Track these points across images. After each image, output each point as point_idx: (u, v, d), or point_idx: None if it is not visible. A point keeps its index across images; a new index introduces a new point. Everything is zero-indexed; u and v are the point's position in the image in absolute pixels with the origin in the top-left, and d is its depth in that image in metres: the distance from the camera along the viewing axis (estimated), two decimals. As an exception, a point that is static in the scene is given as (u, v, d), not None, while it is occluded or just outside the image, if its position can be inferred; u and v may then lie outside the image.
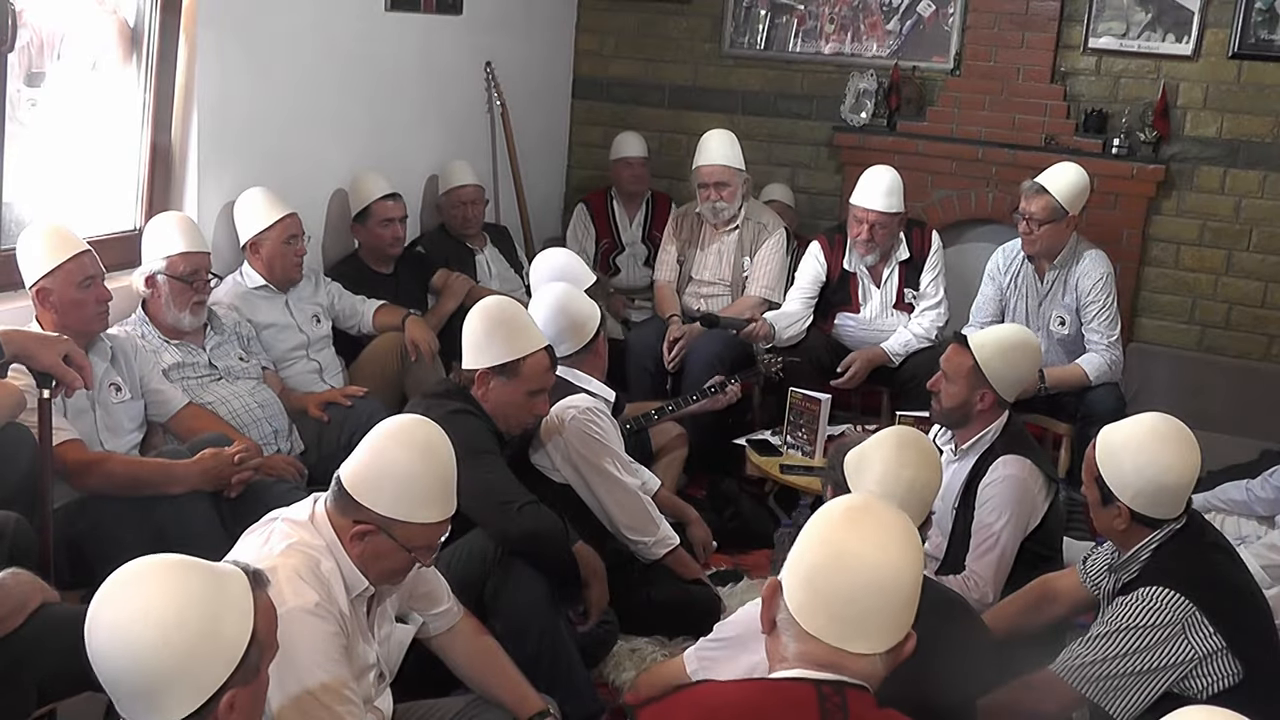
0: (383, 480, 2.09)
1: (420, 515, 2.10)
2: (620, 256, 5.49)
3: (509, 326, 3.02)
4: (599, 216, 5.51)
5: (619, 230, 5.50)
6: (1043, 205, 4.18)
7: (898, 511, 1.70)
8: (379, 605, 2.23)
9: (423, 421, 2.20)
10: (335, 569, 2.09)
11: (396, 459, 2.10)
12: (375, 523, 2.08)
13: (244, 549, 2.12)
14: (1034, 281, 4.38)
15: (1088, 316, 4.25)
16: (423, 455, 2.12)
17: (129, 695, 1.56)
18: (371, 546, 2.10)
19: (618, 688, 3.08)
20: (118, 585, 1.58)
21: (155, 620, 1.52)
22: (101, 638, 1.55)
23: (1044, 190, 4.18)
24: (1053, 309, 4.32)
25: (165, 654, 1.51)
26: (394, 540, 2.09)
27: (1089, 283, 4.23)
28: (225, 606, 1.57)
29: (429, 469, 2.12)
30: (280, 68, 4.12)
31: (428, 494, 2.11)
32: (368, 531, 2.09)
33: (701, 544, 3.58)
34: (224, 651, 1.55)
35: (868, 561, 1.60)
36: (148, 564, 1.60)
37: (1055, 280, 4.31)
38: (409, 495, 2.09)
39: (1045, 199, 4.17)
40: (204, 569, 1.60)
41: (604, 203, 5.54)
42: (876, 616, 1.61)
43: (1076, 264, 4.27)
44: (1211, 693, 2.32)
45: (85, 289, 3.03)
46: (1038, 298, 4.36)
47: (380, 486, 2.09)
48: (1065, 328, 4.30)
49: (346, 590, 2.10)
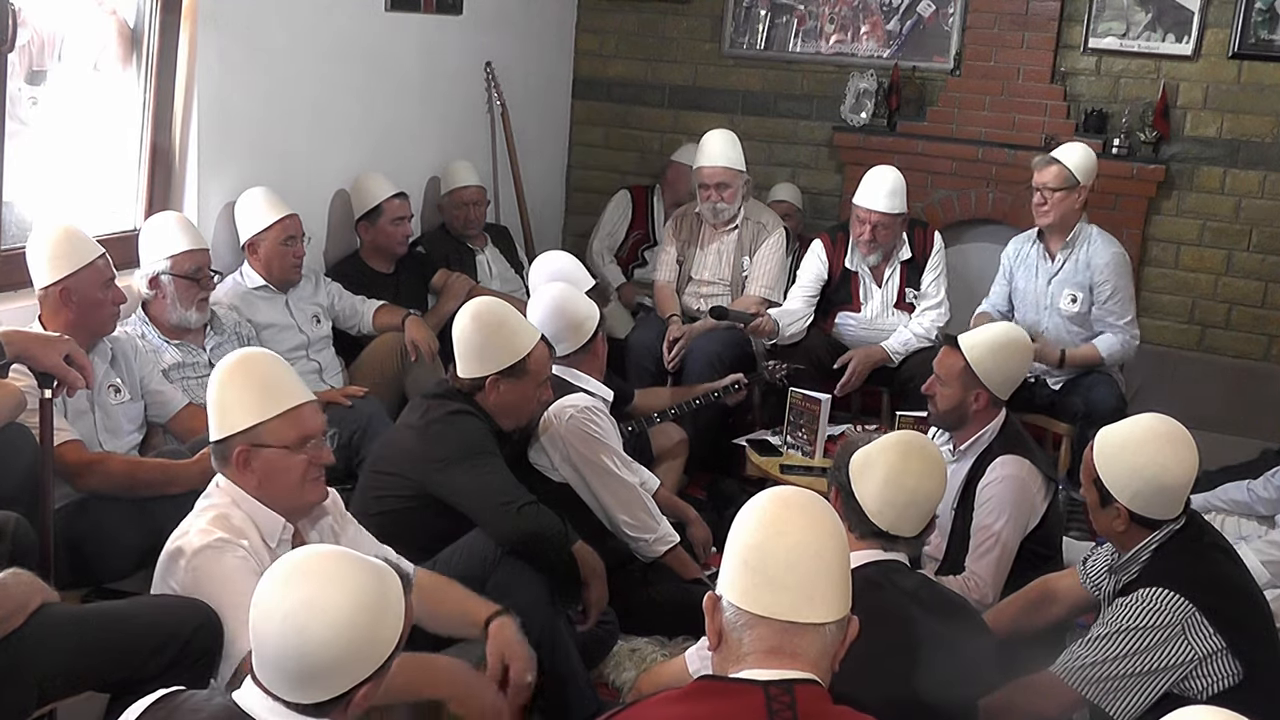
0: (225, 408, 2.25)
1: (271, 409, 2.23)
2: (649, 249, 5.58)
3: (507, 328, 3.02)
4: (639, 208, 5.63)
5: (655, 226, 5.60)
6: (1055, 173, 4.23)
7: (813, 494, 1.75)
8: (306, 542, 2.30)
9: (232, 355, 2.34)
10: (246, 518, 2.24)
11: (224, 385, 2.26)
12: (244, 441, 2.22)
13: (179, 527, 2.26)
14: (1043, 261, 4.40)
15: (1101, 296, 4.28)
16: (244, 369, 2.27)
17: (277, 671, 1.63)
18: (259, 467, 2.23)
19: (618, 688, 3.09)
20: (296, 570, 1.66)
21: (330, 619, 1.60)
22: (271, 616, 1.62)
23: (1055, 160, 4.25)
24: (1063, 287, 4.34)
25: (330, 649, 1.60)
26: (270, 446, 2.22)
27: (1101, 260, 4.27)
28: (386, 611, 1.67)
29: (252, 373, 2.26)
30: (280, 68, 4.12)
31: (265, 390, 2.25)
32: (245, 453, 2.22)
33: (701, 544, 3.59)
34: (377, 651, 1.65)
35: (797, 526, 1.66)
36: (326, 554, 1.70)
37: (1066, 259, 4.34)
38: (251, 400, 2.23)
39: (1057, 167, 4.23)
40: (375, 571, 1.69)
41: (645, 197, 5.65)
42: (819, 579, 1.63)
43: (1088, 244, 4.31)
44: (1211, 693, 2.32)
45: (106, 290, 3.06)
46: (1047, 276, 4.39)
47: (226, 413, 2.24)
48: (1076, 305, 4.32)
49: (265, 538, 2.22)
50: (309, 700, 1.63)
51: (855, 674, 1.72)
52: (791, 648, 1.62)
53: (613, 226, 5.61)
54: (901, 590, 2.27)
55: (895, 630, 2.15)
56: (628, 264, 5.59)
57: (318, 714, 1.64)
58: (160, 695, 1.72)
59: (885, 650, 2.06)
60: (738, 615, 1.64)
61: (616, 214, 5.63)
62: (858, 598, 1.70)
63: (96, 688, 2.20)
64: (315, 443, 2.28)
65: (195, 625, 2.14)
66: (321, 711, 1.64)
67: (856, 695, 1.69)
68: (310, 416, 2.28)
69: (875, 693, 1.83)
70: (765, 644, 1.62)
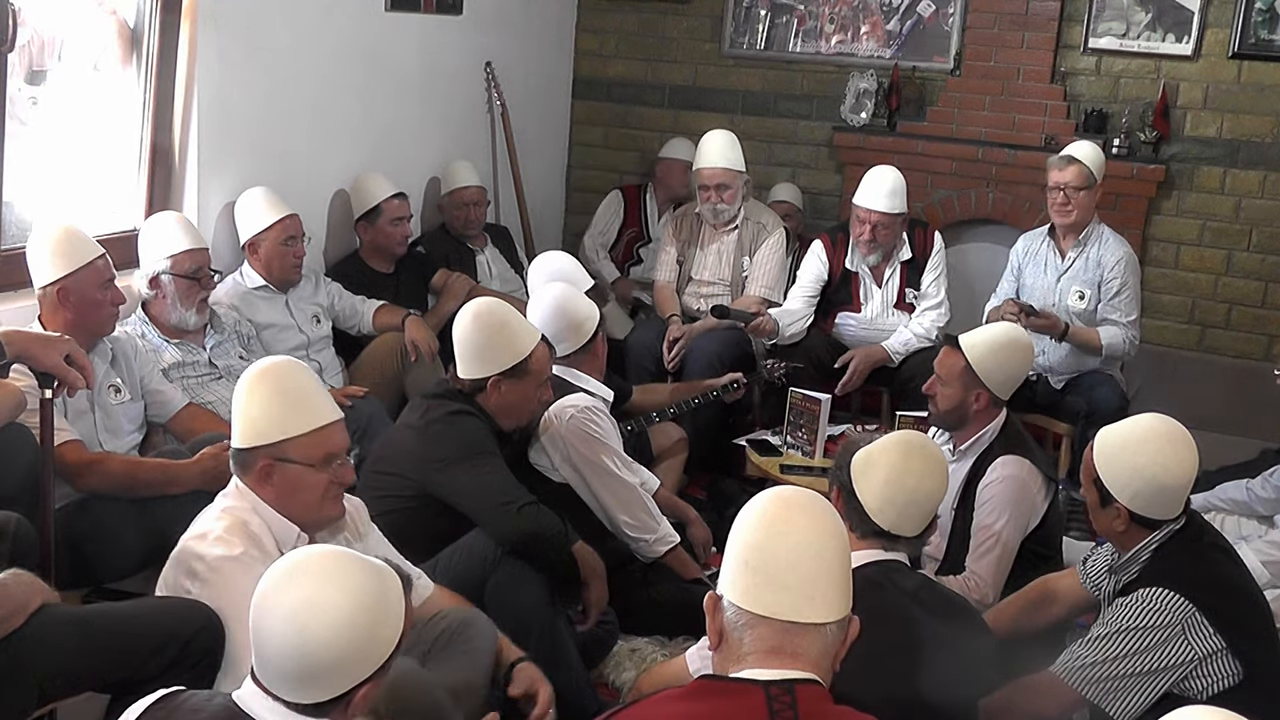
0: (251, 418, 2.21)
1: (300, 426, 2.20)
2: (644, 248, 5.57)
3: (509, 329, 3.02)
4: (631, 206, 5.61)
5: (648, 223, 5.59)
6: (1077, 172, 4.24)
7: (813, 494, 1.74)
8: None
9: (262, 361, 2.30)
10: (263, 525, 2.22)
11: (254, 395, 2.21)
12: (268, 455, 2.20)
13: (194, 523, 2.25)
14: (1054, 258, 4.41)
15: (1108, 293, 4.30)
16: (274, 380, 2.22)
17: (277, 671, 1.64)
18: (281, 480, 2.20)
19: (618, 688, 3.08)
20: (296, 569, 1.66)
21: (330, 618, 1.61)
22: (272, 615, 1.63)
23: (1074, 159, 4.25)
24: (1072, 284, 4.35)
25: (330, 649, 1.61)
26: (295, 462, 2.20)
27: (1113, 259, 4.29)
28: (386, 611, 1.67)
29: (284, 387, 2.22)
30: (280, 68, 4.12)
31: (295, 405, 2.21)
32: (269, 466, 2.20)
33: (702, 544, 3.59)
34: (377, 652, 1.66)
35: (798, 526, 1.66)
36: (327, 554, 1.70)
37: (1077, 257, 4.35)
38: (280, 414, 2.20)
39: (1077, 166, 4.24)
40: (375, 571, 1.69)
41: (638, 195, 5.64)
42: (820, 579, 1.63)
43: (1099, 243, 4.33)
44: (1212, 693, 2.32)
45: (105, 291, 3.06)
46: (1057, 273, 4.39)
47: (253, 423, 2.21)
48: (1084, 302, 4.33)
49: (279, 545, 2.20)
50: (309, 700, 1.63)
51: (856, 674, 1.72)
52: (792, 647, 1.62)
53: (605, 225, 5.61)
54: (902, 590, 2.27)
55: (896, 630, 2.15)
56: (623, 263, 5.59)
57: (318, 714, 1.64)
58: (160, 695, 1.72)
59: (886, 650, 2.06)
60: (738, 615, 1.64)
61: (608, 213, 5.63)
62: (858, 598, 1.71)
63: (97, 688, 2.20)
64: (340, 462, 2.27)
65: (196, 626, 2.14)
66: (321, 711, 1.64)
67: (857, 695, 1.69)
68: (337, 435, 2.26)
69: (876, 693, 1.83)
70: (766, 644, 1.62)
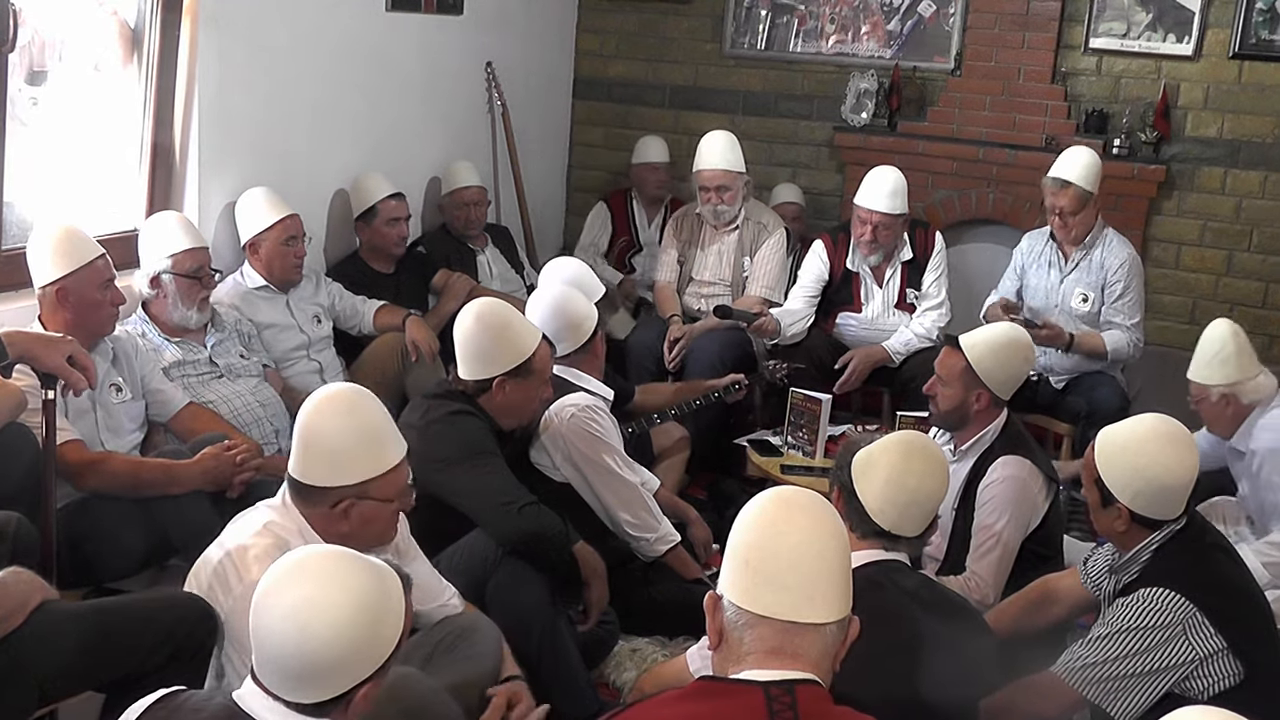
0: (334, 457, 2.15)
1: (382, 464, 2.18)
2: (637, 256, 5.53)
3: (511, 329, 3.02)
4: (618, 215, 5.55)
5: (637, 230, 5.55)
6: (1071, 197, 4.24)
7: (814, 494, 1.74)
8: None
9: (332, 388, 2.26)
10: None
11: (333, 432, 2.16)
12: (350, 495, 2.16)
13: (230, 531, 2.22)
14: (1058, 260, 4.41)
15: (1112, 295, 4.30)
16: (352, 415, 2.18)
17: (278, 671, 1.64)
18: (358, 517, 2.17)
19: (618, 688, 3.08)
20: (297, 569, 1.66)
21: (330, 618, 1.61)
22: (272, 614, 1.63)
23: (1067, 183, 4.24)
24: (1075, 286, 4.35)
25: (331, 648, 1.60)
26: (374, 500, 2.18)
27: (1116, 261, 4.30)
28: (387, 610, 1.67)
29: (365, 424, 2.19)
30: (281, 68, 4.12)
31: (377, 443, 2.19)
32: (349, 506, 2.16)
33: (702, 544, 3.58)
34: (377, 651, 1.66)
35: (798, 526, 1.66)
36: (327, 554, 1.70)
37: (1081, 259, 4.35)
38: (363, 455, 2.17)
39: (1071, 190, 4.24)
40: (375, 571, 1.69)
41: (624, 202, 5.58)
42: (820, 579, 1.63)
43: (1104, 245, 4.33)
44: (1212, 693, 2.32)
45: (104, 291, 3.06)
46: (1060, 275, 4.40)
47: (335, 463, 2.15)
48: (1088, 304, 4.34)
49: None
50: (309, 700, 1.63)
51: (856, 674, 1.72)
52: (792, 648, 1.61)
53: (594, 237, 5.52)
54: (903, 590, 2.27)
55: (896, 630, 2.15)
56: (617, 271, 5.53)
57: (318, 714, 1.64)
58: (160, 695, 1.72)
59: (886, 650, 2.06)
60: (739, 615, 1.64)
61: (596, 225, 5.55)
62: (859, 598, 1.70)
63: (96, 687, 2.20)
64: (407, 493, 2.28)
65: (193, 620, 2.14)
66: (322, 711, 1.64)
67: (857, 695, 1.69)
68: (407, 467, 2.26)
69: (876, 693, 1.83)
70: (766, 644, 1.62)
